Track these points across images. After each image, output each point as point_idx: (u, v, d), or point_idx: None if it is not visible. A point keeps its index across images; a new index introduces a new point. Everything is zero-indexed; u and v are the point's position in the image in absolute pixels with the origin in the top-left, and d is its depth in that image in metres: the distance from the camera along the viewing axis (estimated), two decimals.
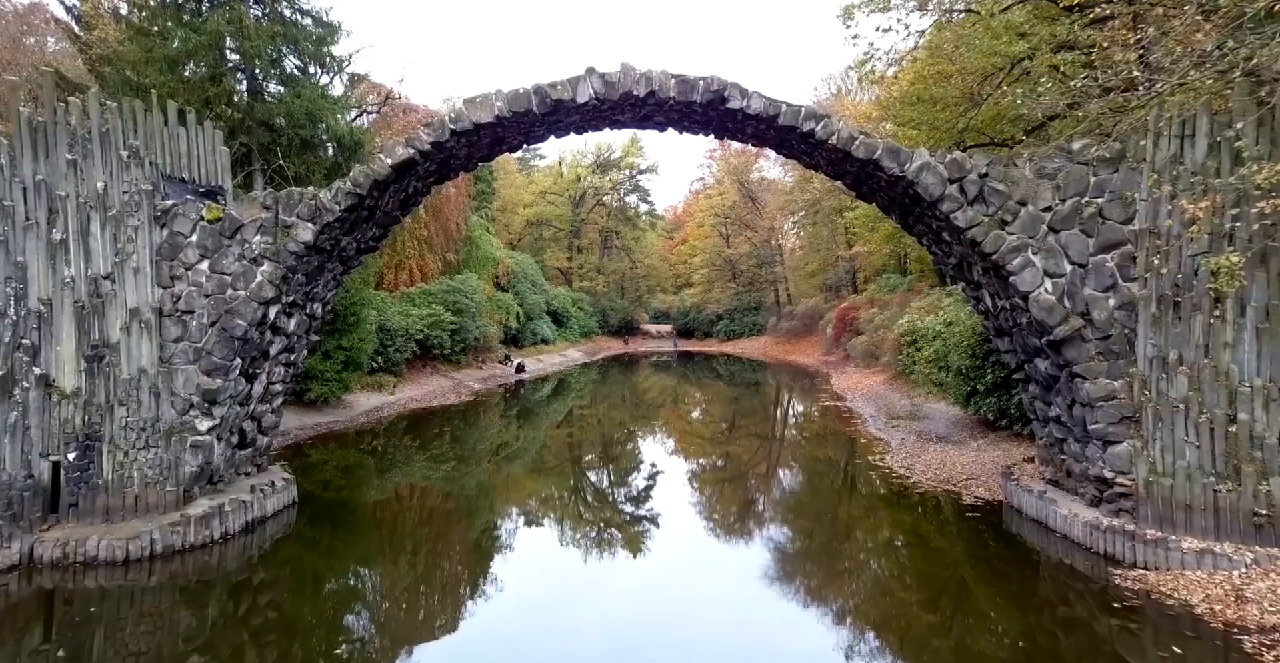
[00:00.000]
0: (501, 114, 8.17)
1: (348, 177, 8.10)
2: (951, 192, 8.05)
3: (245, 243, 8.15)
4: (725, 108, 8.31)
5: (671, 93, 8.26)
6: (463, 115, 8.13)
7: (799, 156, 9.50)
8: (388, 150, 8.11)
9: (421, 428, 17.37)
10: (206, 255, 8.21)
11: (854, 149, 8.13)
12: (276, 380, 9.21)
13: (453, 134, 8.17)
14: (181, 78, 14.96)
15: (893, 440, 14.15)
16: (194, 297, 8.17)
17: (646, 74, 8.24)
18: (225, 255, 8.18)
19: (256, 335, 8.24)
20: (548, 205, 56.57)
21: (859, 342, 29.12)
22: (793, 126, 8.25)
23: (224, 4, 15.58)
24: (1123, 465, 7.48)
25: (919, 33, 10.49)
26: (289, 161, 16.53)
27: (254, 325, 8.06)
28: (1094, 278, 7.77)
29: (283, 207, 8.18)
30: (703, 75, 8.35)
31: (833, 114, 34.04)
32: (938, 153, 8.18)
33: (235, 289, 8.11)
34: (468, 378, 25.32)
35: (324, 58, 17.53)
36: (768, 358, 45.20)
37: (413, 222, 25.49)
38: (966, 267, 9.08)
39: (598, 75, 8.22)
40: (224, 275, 8.18)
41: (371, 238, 9.47)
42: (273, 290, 8.07)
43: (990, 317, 9.38)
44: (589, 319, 52.09)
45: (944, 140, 10.76)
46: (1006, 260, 7.94)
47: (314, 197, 8.12)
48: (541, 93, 8.20)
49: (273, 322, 8.44)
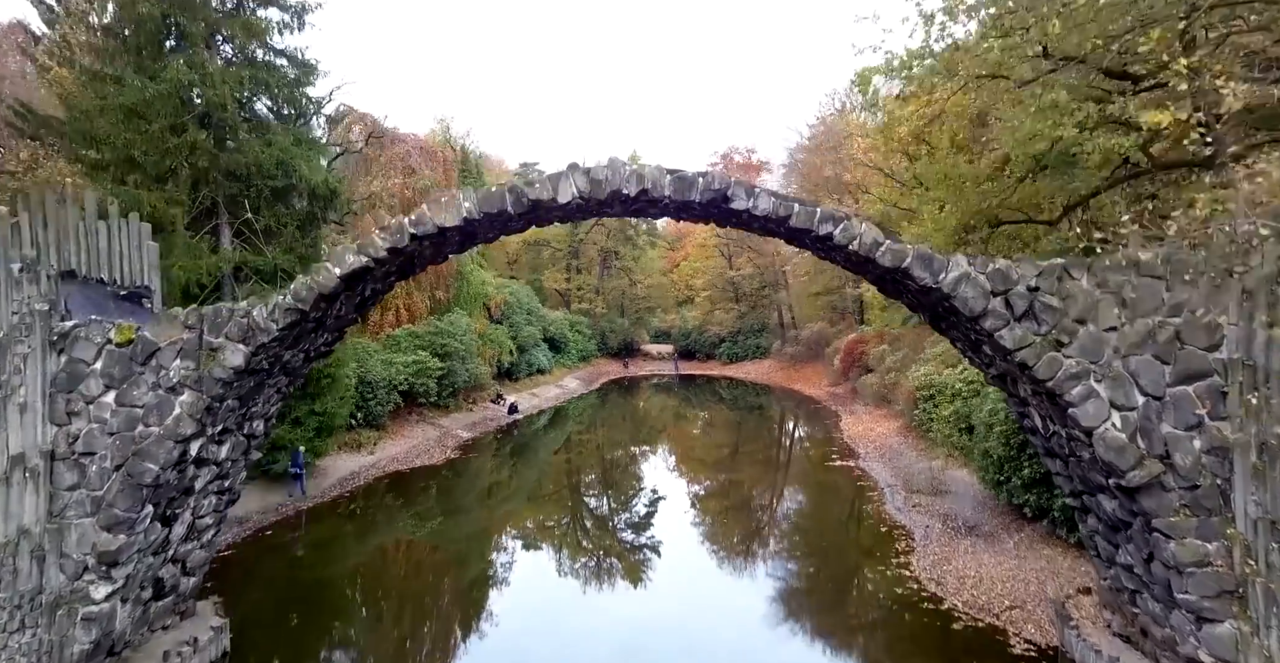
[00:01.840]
0: (470, 216, 6.98)
1: (288, 289, 6.90)
2: (995, 306, 6.83)
3: (162, 369, 6.92)
4: (728, 207, 7.13)
5: (666, 192, 7.08)
6: (425, 218, 6.94)
7: (813, 250, 8.30)
8: (336, 258, 6.91)
9: (399, 500, 16.11)
10: (113, 385, 6.98)
11: (879, 256, 6.92)
12: (206, 513, 7.97)
13: (413, 238, 6.98)
14: (139, 129, 13.81)
15: (916, 529, 12.84)
16: (95, 436, 6.93)
17: (638, 171, 7.05)
18: (137, 385, 6.94)
19: (174, 477, 7.01)
20: None
21: (869, 381, 27.84)
22: (806, 229, 7.06)
23: (187, 49, 14.47)
24: (1226, 653, 6.18)
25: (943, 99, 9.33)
26: (259, 215, 15.38)
27: (169, 467, 6.82)
28: (1173, 413, 6.52)
29: (209, 325, 6.96)
30: (702, 171, 7.19)
31: (837, 141, 32.55)
32: (977, 261, 6.95)
33: (147, 425, 6.87)
34: (456, 425, 24.05)
35: (299, 101, 16.40)
36: (772, 384, 43.92)
37: None
38: (1010, 381, 7.84)
39: (582, 172, 7.04)
40: (134, 409, 6.95)
41: (323, 344, 8.27)
42: (193, 425, 6.83)
43: (1039, 436, 8.12)
44: (587, 342, 50.85)
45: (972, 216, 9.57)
46: (1064, 389, 6.70)
47: (246, 313, 6.90)
48: (517, 193, 7.02)
49: (196, 456, 7.21)
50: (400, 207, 25.09)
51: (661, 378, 52.08)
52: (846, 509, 15.20)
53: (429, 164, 27.19)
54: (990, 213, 9.43)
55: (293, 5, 16.03)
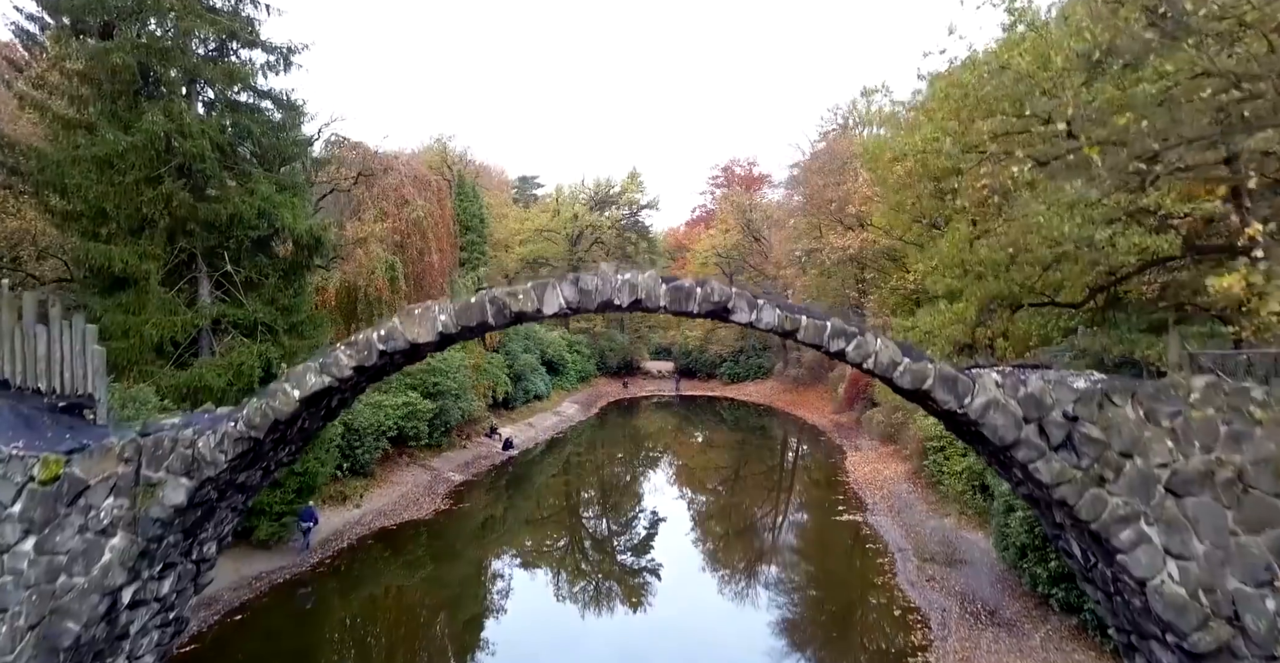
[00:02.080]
0: (447, 331, 6.28)
1: (240, 414, 6.17)
2: (1029, 434, 6.10)
3: (92, 510, 6.18)
4: (729, 319, 6.42)
5: (662, 302, 6.38)
6: (396, 332, 6.23)
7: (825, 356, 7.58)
8: (295, 379, 6.20)
9: (386, 565, 15.30)
10: (33, 530, 6.20)
11: (896, 377, 6.20)
12: (146, 652, 7.14)
13: (382, 354, 6.27)
14: (112, 181, 13.15)
15: (932, 613, 12.03)
16: (8, 590, 6.12)
17: (630, 281, 6.35)
18: (62, 528, 6.19)
19: (101, 630, 6.24)
20: (544, 241, 54.92)
21: (875, 416, 27.07)
22: (816, 344, 6.35)
23: (165, 96, 13.84)
24: None
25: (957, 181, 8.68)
26: (239, 266, 14.70)
27: (95, 623, 6.05)
28: (1241, 567, 5.77)
29: (147, 458, 6.23)
30: (701, 280, 6.49)
31: (841, 161, 31.48)
32: (1007, 382, 6.22)
33: (71, 575, 6.10)
34: (448, 466, 23.26)
35: (285, 145, 15.78)
36: (775, 408, 43.14)
37: (391, 293, 23.67)
38: (1044, 504, 7.09)
39: (570, 282, 6.34)
40: (56, 556, 6.17)
41: (287, 455, 7.54)
42: (124, 575, 6.07)
43: (1076, 561, 7.35)
44: (586, 362, 50.12)
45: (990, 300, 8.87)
46: (1111, 532, 5.95)
47: (191, 443, 6.17)
48: (499, 304, 6.31)
49: (131, 600, 6.43)
50: (392, 241, 24.50)
51: (662, 398, 51.34)
52: (856, 581, 14.31)
53: (422, 193, 26.58)
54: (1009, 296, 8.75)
55: (279, 46, 15.46)
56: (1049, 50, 6.84)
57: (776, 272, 46.63)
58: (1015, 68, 7.05)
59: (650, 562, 16.53)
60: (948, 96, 7.73)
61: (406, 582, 14.65)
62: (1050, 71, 6.88)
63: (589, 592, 14.66)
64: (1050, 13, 9.26)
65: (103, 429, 6.83)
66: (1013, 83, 7.11)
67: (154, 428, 6.58)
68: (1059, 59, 6.77)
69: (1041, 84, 7.05)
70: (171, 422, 6.71)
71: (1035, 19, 7.14)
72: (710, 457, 30.78)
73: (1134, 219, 7.01)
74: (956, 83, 7.57)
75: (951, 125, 7.68)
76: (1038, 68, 6.93)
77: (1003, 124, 7.25)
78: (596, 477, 25.95)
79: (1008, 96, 7.10)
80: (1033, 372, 6.75)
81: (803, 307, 6.57)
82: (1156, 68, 6.65)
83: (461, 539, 17.51)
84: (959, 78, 7.49)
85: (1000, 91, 7.22)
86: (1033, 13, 7.32)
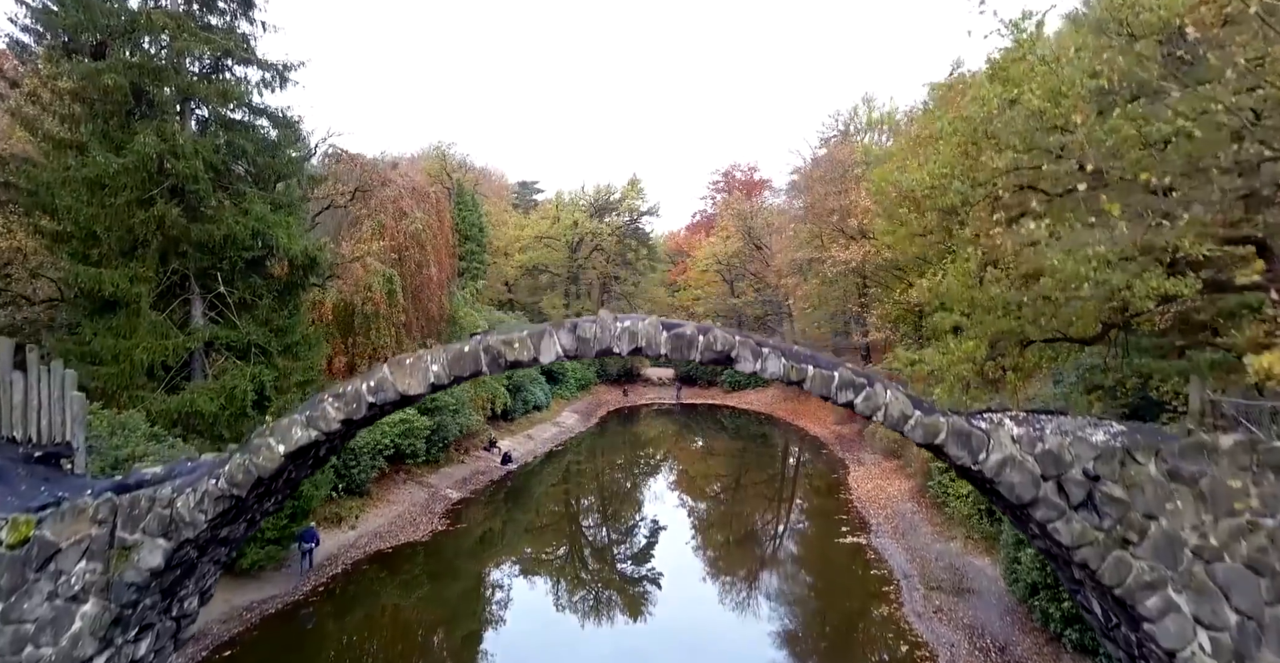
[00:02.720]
0: (439, 381, 6.01)
1: (222, 470, 5.90)
2: (1047, 493, 5.82)
3: (62, 575, 5.89)
4: (734, 368, 6.15)
5: (663, 350, 6.11)
6: (386, 383, 5.96)
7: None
8: (280, 432, 5.92)
9: (385, 585, 15.00)
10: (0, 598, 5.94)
11: (908, 431, 5.94)
12: None
13: (372, 407, 6.00)
14: (103, 203, 12.91)
15: (940, 650, 11.69)
16: None
17: (630, 328, 6.09)
18: (30, 595, 5.90)
19: None
20: (544, 248, 54.69)
21: (878, 430, 26.78)
22: (824, 395, 6.08)
23: (158, 115, 13.59)
24: None
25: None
26: (232, 287, 14.45)
27: None
28: (1276, 639, 5.48)
29: (123, 519, 5.95)
30: (705, 326, 6.22)
31: (843, 169, 31.04)
32: (1023, 436, 5.94)
33: (39, 646, 5.80)
34: (445, 482, 22.96)
35: (280, 164, 15.54)
36: (776, 417, 42.85)
37: (389, 307, 23.42)
38: (1063, 562, 6.80)
39: (568, 330, 6.08)
40: (23, 625, 5.86)
41: (272, 505, 7.26)
42: (94, 645, 5.79)
43: (1095, 618, 7.05)
44: (586, 370, 49.78)
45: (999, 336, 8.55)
46: (1137, 599, 5.66)
47: (169, 503, 5.89)
48: (494, 353, 6.04)
49: None
50: (389, 256, 24.25)
51: (662, 405, 51.05)
52: (863, 612, 13.96)
53: (421, 206, 26.34)
54: (1019, 332, 8.46)
55: (275, 64, 15.24)
56: (1060, 85, 6.61)
57: (778, 280, 46.39)
58: (1026, 104, 6.81)
59: (649, 579, 16.23)
60: (955, 131, 7.48)
61: (405, 611, 14.33)
62: (1062, 108, 6.63)
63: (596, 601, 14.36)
64: (1055, 27, 9.03)
65: (80, 479, 6.55)
66: (1023, 120, 6.86)
67: (134, 478, 6.30)
68: (1071, 94, 6.53)
69: (1053, 120, 6.81)
70: (152, 471, 6.43)
71: (1045, 49, 6.90)
72: (711, 465, 30.51)
73: (1153, 258, 6.75)
74: (964, 118, 7.32)
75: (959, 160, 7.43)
76: (1049, 103, 6.69)
77: (1014, 161, 7.00)
78: (596, 495, 25.62)
79: (1018, 134, 6.85)
80: (1047, 419, 6.47)
81: (809, 354, 6.30)
82: (1173, 107, 6.40)
83: (460, 560, 17.20)
84: (967, 112, 7.24)
85: (1010, 129, 6.97)
86: (1042, 43, 7.07)
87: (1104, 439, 5.92)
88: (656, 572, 16.83)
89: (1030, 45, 6.88)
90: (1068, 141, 6.67)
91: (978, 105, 7.22)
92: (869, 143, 45.41)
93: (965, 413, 6.74)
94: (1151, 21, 6.86)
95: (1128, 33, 6.97)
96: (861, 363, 36.50)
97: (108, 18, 12.95)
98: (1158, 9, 6.68)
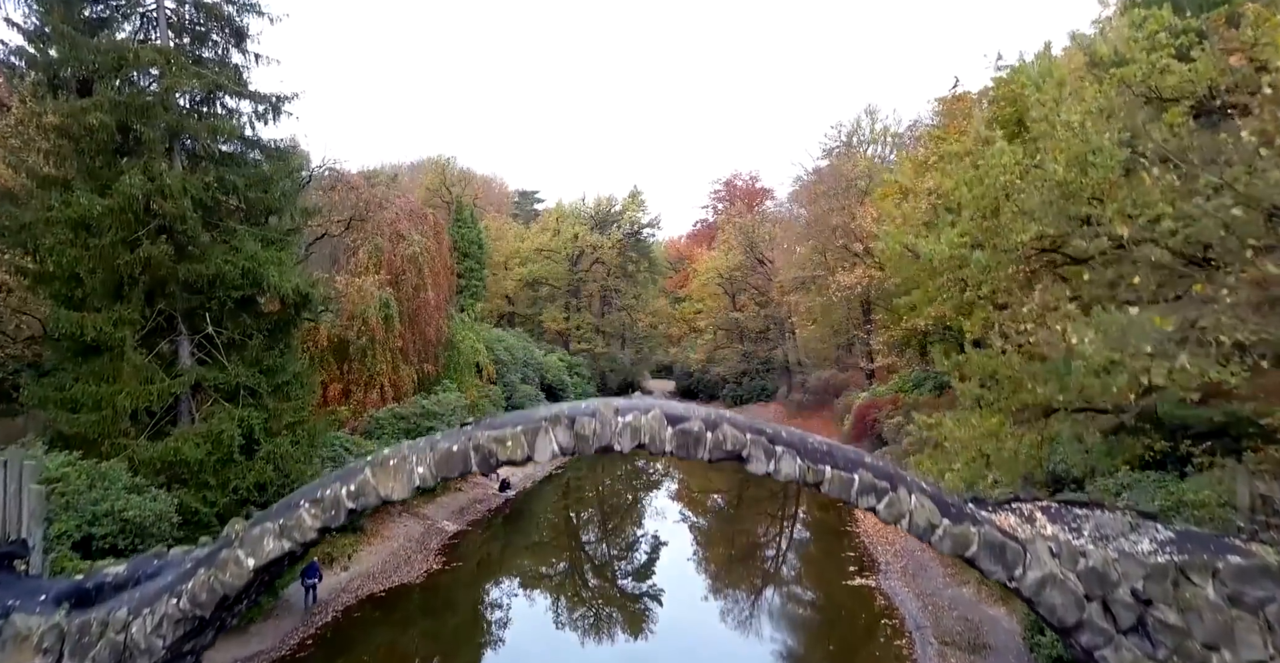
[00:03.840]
0: (424, 483, 5.57)
1: (184, 588, 5.44)
2: (1093, 616, 5.35)
3: None
4: (744, 468, 5.71)
5: (668, 447, 5.67)
6: (368, 488, 5.55)
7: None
8: (250, 544, 5.49)
9: (378, 639, 14.44)
10: None
11: (935, 542, 5.49)
12: None
13: (351, 513, 5.55)
14: (86, 244, 12.49)
15: None
16: None
17: (632, 424, 5.65)
18: None
19: None
20: (545, 261, 54.34)
21: (885, 457, 26.19)
22: (843, 499, 5.63)
23: (145, 152, 13.19)
24: None
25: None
26: (221, 327, 14.01)
27: None
28: None
29: (70, 646, 5.49)
30: (711, 420, 5.77)
31: (846, 183, 30.35)
32: (1063, 554, 5.48)
33: None
34: (442, 514, 22.43)
35: (272, 198, 15.13)
36: None
37: (385, 333, 23.00)
38: None
39: (565, 426, 5.64)
40: None
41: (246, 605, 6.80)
42: None
43: None
44: (586, 385, 49.32)
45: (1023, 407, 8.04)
46: None
47: (123, 627, 5.42)
48: (484, 453, 5.62)
49: None
50: (386, 279, 23.87)
51: None
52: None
53: (419, 228, 26.00)
54: (1044, 403, 8.02)
55: (268, 96, 14.87)
56: (1086, 153, 6.21)
57: (780, 296, 45.95)
58: (1051, 174, 6.39)
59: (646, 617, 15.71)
60: (978, 198, 7.06)
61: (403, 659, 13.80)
62: (1089, 178, 6.22)
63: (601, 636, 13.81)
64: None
65: (35, 582, 6.09)
66: (1048, 190, 6.45)
67: (94, 581, 5.84)
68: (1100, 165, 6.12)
69: (1078, 188, 6.39)
70: (115, 571, 5.97)
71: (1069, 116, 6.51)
72: (714, 491, 29.94)
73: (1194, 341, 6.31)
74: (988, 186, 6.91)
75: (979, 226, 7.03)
76: (1075, 172, 6.28)
77: (1039, 232, 6.59)
78: (598, 529, 25.03)
79: (1042, 204, 6.44)
80: (1084, 516, 6.01)
81: (826, 450, 5.85)
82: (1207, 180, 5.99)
83: (457, 599, 16.66)
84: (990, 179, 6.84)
85: (1033, 197, 6.56)
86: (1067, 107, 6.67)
87: (1151, 549, 5.45)
88: (653, 629, 16.26)
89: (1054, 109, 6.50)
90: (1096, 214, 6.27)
91: (998, 171, 6.81)
92: (872, 157, 45.13)
93: (992, 502, 6.29)
94: (1181, 86, 6.47)
95: (1157, 97, 6.58)
96: (866, 381, 35.85)
97: (94, 54, 12.59)
98: (1188, 76, 6.29)
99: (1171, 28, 6.96)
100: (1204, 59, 6.84)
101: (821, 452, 5.78)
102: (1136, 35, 6.90)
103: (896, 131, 46.87)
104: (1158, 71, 6.33)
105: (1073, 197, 6.45)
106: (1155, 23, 6.75)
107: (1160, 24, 6.78)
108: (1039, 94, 7.43)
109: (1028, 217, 6.53)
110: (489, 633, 15.63)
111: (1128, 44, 7.32)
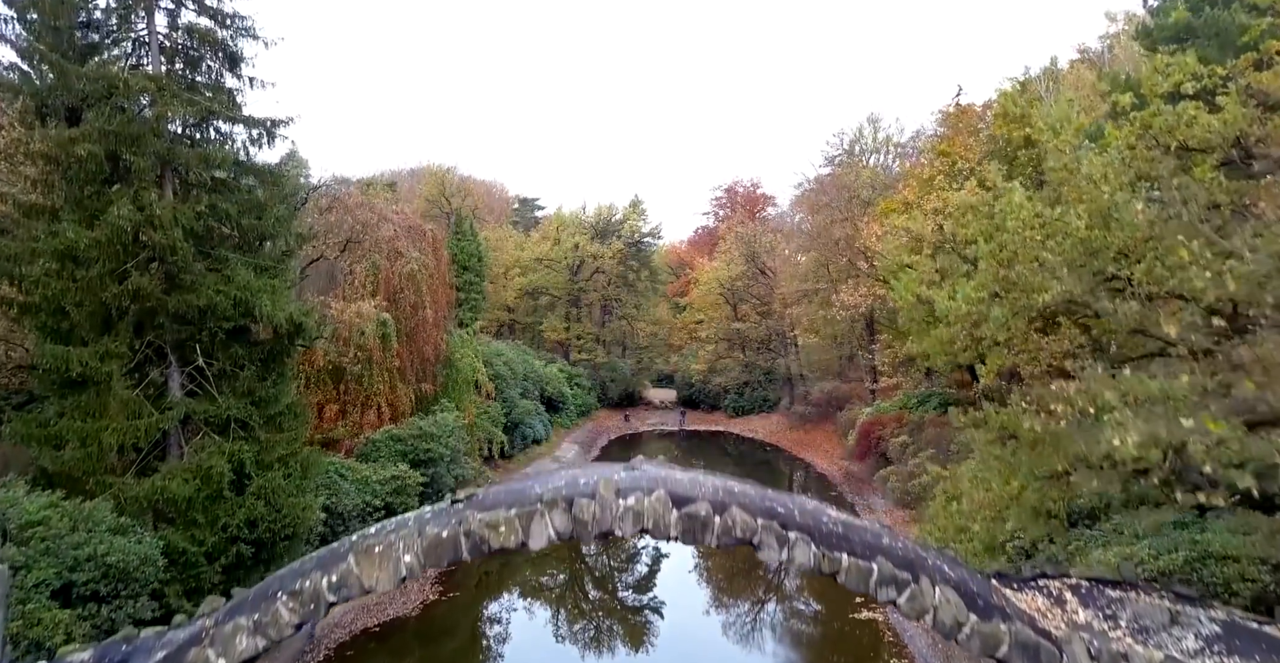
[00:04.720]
0: (411, 573, 5.22)
1: None
2: None
3: None
4: (756, 554, 5.36)
5: (673, 533, 5.33)
6: (351, 580, 5.20)
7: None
8: (222, 642, 5.11)
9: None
10: None
11: (962, 640, 5.13)
12: None
13: (332, 606, 5.20)
14: (72, 276, 12.17)
15: None
16: None
17: (634, 508, 5.30)
18: None
19: None
20: (545, 270, 54.07)
21: (890, 477, 25.79)
22: (861, 590, 5.27)
23: (134, 182, 12.88)
24: None
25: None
26: (212, 358, 13.66)
27: None
28: None
29: None
30: (719, 501, 5.41)
31: (849, 193, 30.08)
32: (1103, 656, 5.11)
33: None
34: None
35: (266, 225, 14.81)
36: (781, 447, 41.85)
37: (382, 353, 22.67)
38: None
39: (562, 509, 5.30)
40: None
41: None
42: None
43: None
44: (586, 395, 48.99)
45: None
46: None
47: None
48: (475, 540, 5.27)
49: None
50: (385, 294, 23.57)
51: (665, 431, 50.18)
52: None
53: (417, 245, 25.70)
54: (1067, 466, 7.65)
55: (262, 120, 14.57)
56: (1110, 208, 5.90)
57: (782, 308, 45.62)
58: (1074, 232, 6.08)
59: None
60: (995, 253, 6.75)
61: None
62: (1115, 236, 5.91)
63: None
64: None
65: None
66: (1070, 247, 6.15)
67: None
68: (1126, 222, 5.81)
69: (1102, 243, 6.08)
70: (81, 657, 5.61)
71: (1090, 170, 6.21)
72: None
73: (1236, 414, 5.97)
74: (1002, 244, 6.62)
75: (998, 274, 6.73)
76: (1099, 230, 5.98)
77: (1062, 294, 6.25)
78: (598, 541, 24.65)
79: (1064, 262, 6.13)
80: (1118, 601, 5.65)
81: (842, 533, 5.49)
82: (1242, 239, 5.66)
83: (460, 631, 16.26)
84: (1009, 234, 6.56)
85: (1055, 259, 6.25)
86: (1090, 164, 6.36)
87: (1197, 647, 5.09)
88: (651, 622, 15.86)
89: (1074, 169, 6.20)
90: (1123, 273, 5.95)
91: (1017, 226, 6.51)
92: (874, 166, 44.89)
93: (1017, 579, 5.92)
94: (1207, 137, 6.14)
95: (1182, 147, 6.26)
96: (870, 395, 35.36)
97: (84, 82, 12.30)
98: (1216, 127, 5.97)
99: (1196, 74, 6.67)
100: (1231, 106, 6.53)
101: (838, 536, 5.42)
102: (1161, 82, 6.62)
103: (899, 141, 46.70)
104: (1184, 124, 6.04)
105: (1097, 253, 6.16)
106: (1180, 72, 6.48)
107: (1186, 72, 6.51)
108: (1056, 140, 7.14)
109: (1049, 272, 6.23)
110: (489, 653, 15.23)
111: (1148, 88, 7.01)
